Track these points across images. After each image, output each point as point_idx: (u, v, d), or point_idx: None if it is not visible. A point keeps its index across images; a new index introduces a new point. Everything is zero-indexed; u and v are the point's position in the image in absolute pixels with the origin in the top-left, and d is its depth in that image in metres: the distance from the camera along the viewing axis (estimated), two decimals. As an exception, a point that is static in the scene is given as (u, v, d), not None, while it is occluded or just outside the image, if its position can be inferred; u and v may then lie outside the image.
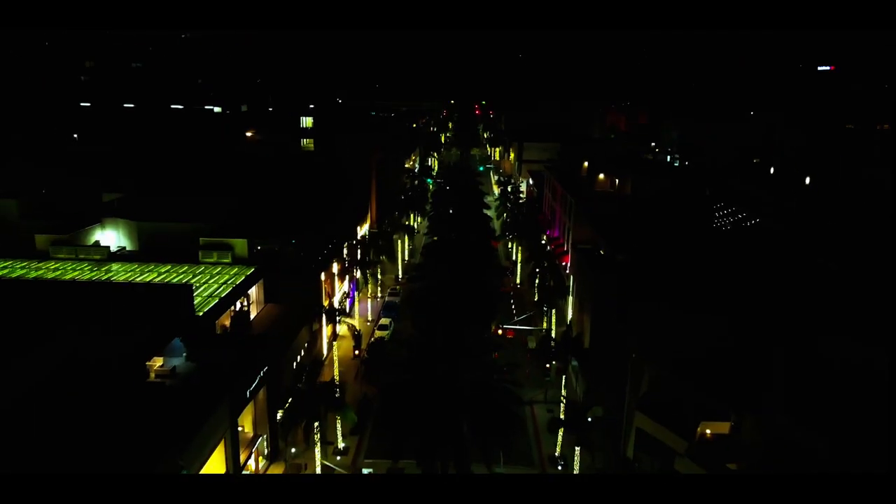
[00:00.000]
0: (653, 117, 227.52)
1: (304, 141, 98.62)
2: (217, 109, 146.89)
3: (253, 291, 51.17)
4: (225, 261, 50.79)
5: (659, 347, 37.67)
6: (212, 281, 46.59)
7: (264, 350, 39.95)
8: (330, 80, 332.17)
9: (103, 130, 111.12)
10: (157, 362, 36.64)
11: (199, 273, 48.56)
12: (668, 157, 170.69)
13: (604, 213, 62.28)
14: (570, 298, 56.97)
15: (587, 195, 67.99)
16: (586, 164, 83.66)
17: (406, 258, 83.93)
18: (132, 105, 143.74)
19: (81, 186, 63.73)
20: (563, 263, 65.27)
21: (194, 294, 43.78)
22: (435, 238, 58.09)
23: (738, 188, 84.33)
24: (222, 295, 43.56)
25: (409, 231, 74.85)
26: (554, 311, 55.51)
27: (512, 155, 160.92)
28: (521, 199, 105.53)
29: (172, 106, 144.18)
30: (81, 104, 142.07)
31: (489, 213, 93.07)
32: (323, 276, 54.40)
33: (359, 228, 70.12)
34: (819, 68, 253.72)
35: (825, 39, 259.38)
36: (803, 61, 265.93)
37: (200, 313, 40.47)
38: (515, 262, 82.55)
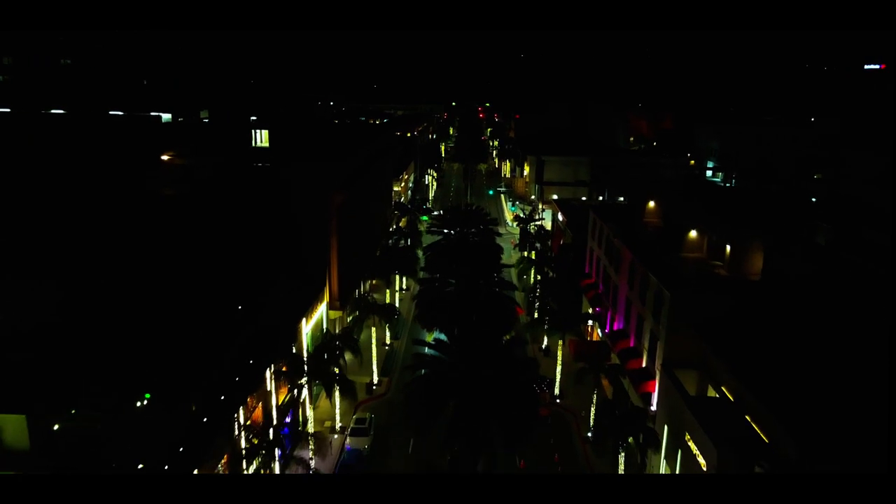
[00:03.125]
0: (679, 122, 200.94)
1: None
2: (166, 116, 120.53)
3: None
4: (-22, 462, 24.10)
5: None
6: None
7: None
8: (321, 82, 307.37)
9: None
10: None
11: None
12: (713, 174, 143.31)
13: (716, 313, 35.61)
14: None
15: (672, 266, 41.19)
16: (652, 203, 57.09)
17: (387, 341, 57.10)
18: (62, 111, 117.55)
19: None
20: (647, 392, 38.42)
21: None
22: (423, 371, 31.05)
23: (876, 240, 57.24)
24: None
25: (390, 314, 48.23)
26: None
27: (527, 170, 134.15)
28: (546, 234, 78.58)
29: (112, 112, 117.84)
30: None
31: (503, 251, 66.19)
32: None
33: (304, 323, 43.28)
34: (866, 67, 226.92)
35: (872, 38, 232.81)
36: (848, 59, 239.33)
37: None
38: (549, 350, 55.69)
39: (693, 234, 45.41)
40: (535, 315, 58.69)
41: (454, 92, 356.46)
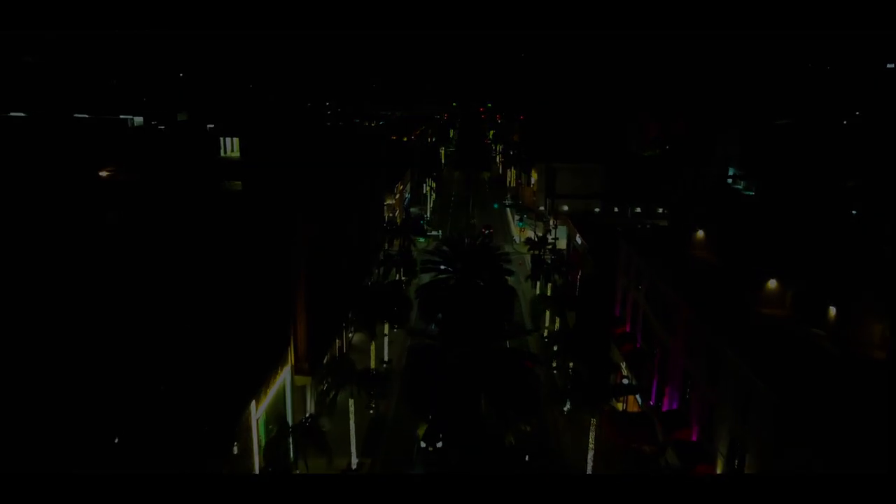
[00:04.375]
0: (697, 126, 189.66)
1: (231, 181, 59.02)
2: (138, 120, 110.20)
3: None
4: None
5: None
6: None
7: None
8: (318, 83, 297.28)
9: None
10: None
11: None
12: (734, 181, 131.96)
13: (838, 415, 24.53)
14: None
15: (752, 333, 30.19)
16: (701, 233, 46.26)
17: (372, 404, 46.00)
18: (23, 114, 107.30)
19: None
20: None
21: None
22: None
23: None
24: None
25: (375, 384, 36.97)
26: None
27: (534, 177, 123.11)
28: (561, 259, 67.47)
29: (77, 115, 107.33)
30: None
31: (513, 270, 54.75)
32: None
33: (255, 406, 32.24)
34: (888, 66, 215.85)
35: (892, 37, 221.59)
36: (868, 58, 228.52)
37: None
38: (576, 423, 44.42)
39: (772, 283, 34.27)
40: (555, 370, 47.65)
41: (454, 92, 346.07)
